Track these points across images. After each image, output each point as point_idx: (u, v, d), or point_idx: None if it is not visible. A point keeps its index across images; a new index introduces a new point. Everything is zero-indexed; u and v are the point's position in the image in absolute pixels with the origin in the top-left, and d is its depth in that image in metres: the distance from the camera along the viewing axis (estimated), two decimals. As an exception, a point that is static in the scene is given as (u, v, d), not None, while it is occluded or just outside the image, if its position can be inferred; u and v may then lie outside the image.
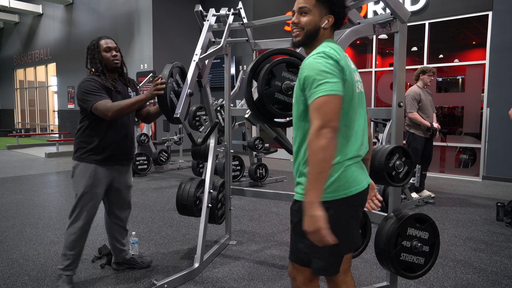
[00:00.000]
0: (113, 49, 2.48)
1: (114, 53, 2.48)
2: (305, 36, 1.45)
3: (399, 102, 2.24)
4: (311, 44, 1.47)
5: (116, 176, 2.57)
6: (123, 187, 2.63)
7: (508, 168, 6.20)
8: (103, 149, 2.43)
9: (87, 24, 12.14)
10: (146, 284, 2.57)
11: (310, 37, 1.46)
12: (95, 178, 2.43)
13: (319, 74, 1.32)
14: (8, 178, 6.56)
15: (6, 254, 3.11)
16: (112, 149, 2.46)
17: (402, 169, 2.07)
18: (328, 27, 1.46)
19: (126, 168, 2.64)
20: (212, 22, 2.97)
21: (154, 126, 9.79)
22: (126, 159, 2.60)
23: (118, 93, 2.49)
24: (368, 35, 2.73)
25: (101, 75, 2.44)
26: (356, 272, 2.81)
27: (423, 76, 4.82)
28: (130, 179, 2.70)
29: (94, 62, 2.47)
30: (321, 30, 1.45)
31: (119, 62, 2.50)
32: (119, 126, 2.48)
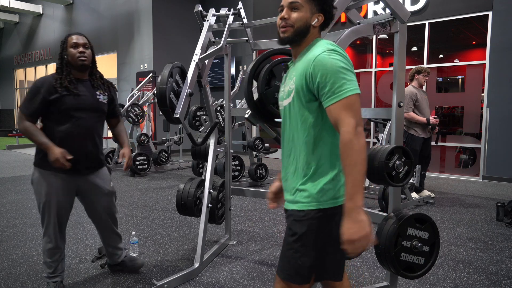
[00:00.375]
0: (80, 45, 2.26)
1: (81, 50, 2.25)
2: (294, 33, 1.38)
3: (399, 102, 2.24)
4: (300, 42, 1.40)
5: (82, 184, 2.35)
6: (93, 195, 2.40)
7: (508, 168, 6.20)
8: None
9: (87, 24, 12.14)
10: (146, 284, 2.57)
11: (300, 34, 1.38)
12: (54, 187, 2.25)
13: (340, 72, 1.26)
14: (8, 178, 6.56)
15: (6, 254, 3.11)
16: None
17: (402, 169, 2.07)
18: (317, 25, 1.40)
19: (95, 175, 2.39)
20: (212, 22, 2.97)
21: (154, 126, 9.79)
22: (86, 168, 2.33)
23: (76, 96, 2.23)
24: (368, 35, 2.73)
25: (60, 74, 2.24)
26: (356, 272, 2.81)
27: (418, 76, 4.82)
28: (105, 185, 2.44)
29: (58, 58, 2.29)
30: (311, 28, 1.39)
31: (86, 60, 2.26)
32: (76, 131, 2.24)
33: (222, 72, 9.82)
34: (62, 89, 2.20)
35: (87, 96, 2.29)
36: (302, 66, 1.34)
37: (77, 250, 3.18)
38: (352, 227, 1.21)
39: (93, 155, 2.34)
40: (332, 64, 1.26)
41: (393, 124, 2.27)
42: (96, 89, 2.36)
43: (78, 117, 2.24)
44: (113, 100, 2.50)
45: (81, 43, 2.28)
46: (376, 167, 2.04)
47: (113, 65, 11.35)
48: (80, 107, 2.25)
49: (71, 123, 2.23)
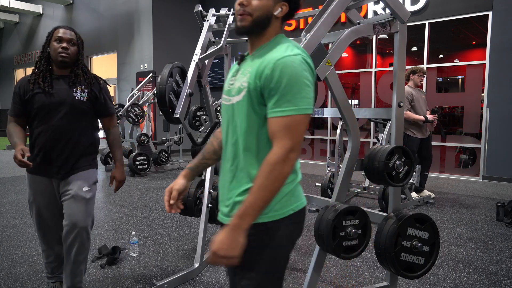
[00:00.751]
0: (65, 40, 2.08)
1: (64, 45, 2.07)
2: (253, 22, 1.20)
3: (399, 102, 2.24)
4: (258, 34, 1.23)
5: (60, 187, 2.16)
6: (66, 199, 2.11)
7: (508, 168, 6.20)
8: (33, 157, 2.12)
9: (87, 24, 12.14)
10: (146, 284, 2.57)
11: (259, 25, 1.20)
12: (32, 188, 2.18)
13: (297, 85, 1.10)
14: (8, 178, 6.56)
15: (6, 254, 3.11)
16: (40, 158, 2.11)
17: (402, 169, 2.07)
18: (280, 16, 1.22)
19: (72, 179, 2.14)
20: (212, 22, 2.97)
21: (154, 126, 9.79)
22: (58, 171, 2.12)
23: (48, 94, 2.08)
24: (368, 35, 2.73)
25: (37, 68, 2.14)
26: (356, 272, 2.81)
27: (414, 76, 4.82)
28: (77, 188, 2.11)
29: (40, 51, 2.16)
30: (273, 19, 1.21)
31: (67, 57, 2.08)
32: (50, 132, 2.08)
33: (222, 72, 9.82)
34: (35, 86, 2.08)
35: (60, 93, 2.09)
36: (259, 64, 1.16)
37: (77, 250, 3.18)
38: (226, 243, 1.09)
39: (64, 158, 2.11)
40: (292, 74, 1.10)
41: (393, 124, 2.27)
42: (74, 86, 2.13)
43: (50, 116, 2.08)
44: (97, 98, 2.21)
45: (66, 38, 2.08)
46: (376, 167, 2.04)
47: (113, 65, 11.35)
48: (52, 106, 2.07)
49: (42, 122, 2.09)
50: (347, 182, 2.14)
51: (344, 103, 2.09)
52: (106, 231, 3.70)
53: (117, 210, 4.49)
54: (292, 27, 8.77)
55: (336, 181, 3.67)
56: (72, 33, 2.13)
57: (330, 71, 1.99)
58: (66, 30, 2.11)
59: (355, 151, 2.13)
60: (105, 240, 3.41)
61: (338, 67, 8.41)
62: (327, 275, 2.74)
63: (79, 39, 2.18)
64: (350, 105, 2.11)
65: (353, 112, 2.14)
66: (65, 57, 2.08)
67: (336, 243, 1.96)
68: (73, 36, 2.13)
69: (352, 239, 2.00)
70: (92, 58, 12.30)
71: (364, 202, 4.89)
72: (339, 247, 1.97)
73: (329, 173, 4.82)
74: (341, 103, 2.08)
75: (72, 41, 2.11)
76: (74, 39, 2.13)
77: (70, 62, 2.12)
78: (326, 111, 2.88)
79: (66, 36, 2.09)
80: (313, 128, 9.23)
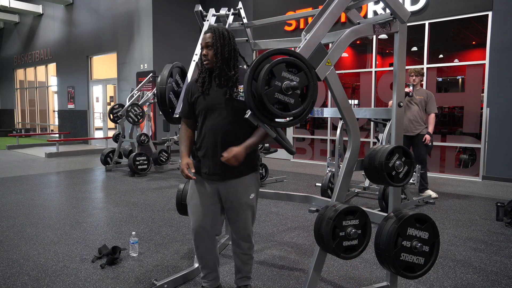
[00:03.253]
0: (204, 46, 2.05)
1: (204, 52, 2.05)
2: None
3: (399, 102, 2.24)
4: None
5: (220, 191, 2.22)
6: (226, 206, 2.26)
7: (508, 168, 6.20)
8: None
9: (87, 24, 12.14)
10: (146, 284, 2.57)
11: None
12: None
13: None
14: (8, 178, 6.56)
15: (6, 254, 3.11)
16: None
17: (402, 169, 2.07)
18: None
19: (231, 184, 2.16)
20: (212, 22, 2.97)
21: (154, 126, 9.80)
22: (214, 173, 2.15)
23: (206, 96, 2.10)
24: (368, 35, 2.73)
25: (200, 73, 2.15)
26: (356, 272, 2.81)
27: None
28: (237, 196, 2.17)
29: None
30: None
31: (207, 63, 2.05)
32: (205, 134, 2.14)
33: (222, 72, 9.80)
34: (198, 89, 2.11)
35: (214, 96, 2.06)
36: None
37: (77, 250, 3.18)
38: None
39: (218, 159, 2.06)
40: None
41: (393, 124, 2.27)
42: (225, 87, 2.05)
43: (207, 118, 2.10)
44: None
45: (204, 44, 2.04)
46: (376, 167, 2.04)
47: (113, 65, 11.35)
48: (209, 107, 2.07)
49: (202, 125, 2.12)
50: (347, 182, 2.14)
51: (344, 103, 2.09)
52: (106, 231, 3.71)
53: (117, 210, 4.49)
54: (292, 27, 8.77)
55: (336, 181, 3.67)
56: (210, 35, 2.03)
57: (330, 71, 1.99)
58: (205, 35, 2.05)
59: (355, 151, 2.13)
60: (105, 240, 3.41)
61: (338, 67, 8.41)
62: (327, 275, 2.75)
63: (220, 39, 2.01)
64: (350, 105, 2.11)
65: (353, 112, 2.14)
66: (206, 64, 2.06)
67: (336, 243, 1.96)
68: (210, 39, 2.02)
69: (352, 239, 2.00)
70: (92, 58, 12.31)
71: (364, 202, 4.89)
72: (339, 247, 1.97)
73: (329, 173, 4.82)
74: (341, 103, 2.08)
75: (208, 44, 2.03)
76: (209, 42, 2.02)
77: (211, 67, 2.06)
78: (326, 111, 2.88)
79: (204, 41, 2.04)
80: (313, 128, 9.23)
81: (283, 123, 1.83)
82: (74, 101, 13.05)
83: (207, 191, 2.15)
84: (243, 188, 2.13)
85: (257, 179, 2.20)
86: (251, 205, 2.16)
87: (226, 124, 2.03)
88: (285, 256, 3.06)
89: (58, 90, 13.97)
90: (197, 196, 2.17)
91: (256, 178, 2.19)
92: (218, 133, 2.05)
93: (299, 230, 3.77)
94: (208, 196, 2.15)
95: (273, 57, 1.78)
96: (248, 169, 2.13)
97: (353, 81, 9.21)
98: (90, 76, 12.40)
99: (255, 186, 2.18)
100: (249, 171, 2.14)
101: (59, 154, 9.72)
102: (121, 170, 7.38)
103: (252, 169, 2.15)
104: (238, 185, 2.11)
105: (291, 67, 1.78)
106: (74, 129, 13.13)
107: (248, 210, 2.16)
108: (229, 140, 2.04)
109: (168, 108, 2.41)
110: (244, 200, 2.13)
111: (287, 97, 1.75)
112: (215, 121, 2.05)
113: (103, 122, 12.32)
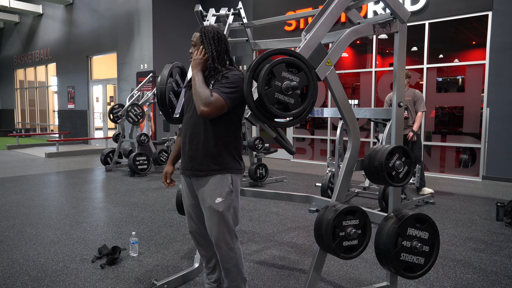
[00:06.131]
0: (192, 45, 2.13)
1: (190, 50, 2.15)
2: None
3: (399, 102, 2.24)
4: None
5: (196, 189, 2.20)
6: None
7: (508, 168, 6.20)
8: None
9: (87, 24, 12.14)
10: (146, 284, 2.57)
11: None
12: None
13: None
14: (8, 178, 6.56)
15: (6, 254, 3.11)
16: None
17: (402, 169, 2.07)
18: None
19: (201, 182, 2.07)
20: (212, 22, 2.97)
21: (154, 126, 9.79)
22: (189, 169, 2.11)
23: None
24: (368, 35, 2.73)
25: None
26: (356, 272, 2.81)
27: None
28: (207, 198, 2.08)
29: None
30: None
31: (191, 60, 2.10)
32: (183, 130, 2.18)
33: (222, 72, 9.80)
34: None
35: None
36: None
37: (77, 250, 3.18)
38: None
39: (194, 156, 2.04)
40: None
41: (393, 124, 2.27)
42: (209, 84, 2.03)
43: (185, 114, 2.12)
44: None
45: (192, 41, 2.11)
46: (376, 167, 2.04)
47: (113, 65, 11.35)
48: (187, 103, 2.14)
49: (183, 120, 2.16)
50: (347, 182, 2.14)
51: (344, 103, 2.09)
52: (106, 231, 3.71)
53: (117, 210, 4.49)
54: (292, 27, 8.77)
55: (336, 181, 3.67)
56: (196, 34, 2.10)
57: (330, 71, 1.99)
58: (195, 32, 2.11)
59: (355, 151, 2.13)
60: (105, 240, 3.41)
61: (338, 67, 8.41)
62: (327, 275, 2.75)
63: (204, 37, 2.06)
64: (350, 105, 2.11)
65: (353, 112, 2.14)
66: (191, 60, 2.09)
67: (336, 243, 1.96)
68: (195, 37, 2.10)
69: (352, 239, 2.00)
70: (92, 58, 12.30)
71: (364, 202, 4.89)
72: (339, 247, 1.97)
73: (329, 173, 4.82)
74: (341, 103, 2.08)
75: (192, 43, 2.11)
76: (193, 41, 2.11)
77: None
78: (326, 111, 2.88)
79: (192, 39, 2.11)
80: (313, 128, 9.23)
81: (283, 123, 1.83)
82: (74, 101, 13.04)
83: (187, 190, 2.15)
84: (208, 189, 1.98)
85: (227, 181, 1.99)
86: (217, 211, 1.95)
87: (194, 119, 2.01)
88: (285, 256, 3.06)
89: (58, 90, 13.96)
90: (183, 197, 2.20)
91: (226, 180, 1.99)
92: (188, 129, 2.05)
93: (299, 230, 3.77)
94: (189, 195, 2.15)
95: (273, 57, 1.78)
96: (217, 167, 1.98)
97: (353, 81, 9.20)
98: (90, 76, 12.39)
99: (223, 189, 1.97)
100: (218, 171, 1.98)
101: (59, 154, 9.72)
102: (121, 170, 7.38)
103: (221, 169, 1.98)
104: (205, 185, 2.00)
105: (291, 67, 1.78)
106: (74, 129, 13.13)
107: (213, 215, 1.96)
108: (196, 135, 2.00)
109: (168, 108, 2.40)
110: (209, 204, 1.97)
111: (287, 97, 1.75)
112: (187, 116, 2.08)
113: (103, 122, 12.32)
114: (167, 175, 2.24)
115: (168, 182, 2.24)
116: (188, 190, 2.14)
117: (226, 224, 1.99)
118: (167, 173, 2.24)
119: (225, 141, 2.00)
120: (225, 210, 1.97)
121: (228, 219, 2.00)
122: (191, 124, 2.04)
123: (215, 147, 1.98)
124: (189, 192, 2.14)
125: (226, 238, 1.99)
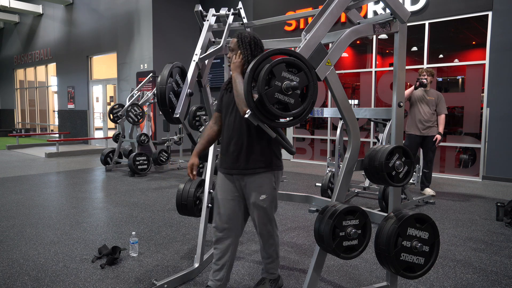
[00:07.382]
0: (230, 50, 2.20)
1: (229, 54, 2.21)
2: None
3: (399, 102, 2.24)
4: None
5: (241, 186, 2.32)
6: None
7: (508, 168, 6.20)
8: None
9: (87, 24, 12.14)
10: (146, 284, 2.57)
11: None
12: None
13: None
14: (8, 178, 6.56)
15: (6, 254, 3.11)
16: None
17: (402, 169, 2.07)
18: None
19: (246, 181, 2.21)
20: (212, 22, 2.97)
21: (154, 126, 9.80)
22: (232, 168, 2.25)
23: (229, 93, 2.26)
24: (368, 35, 2.73)
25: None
26: (356, 272, 2.81)
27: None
28: (251, 195, 2.25)
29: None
30: None
31: (230, 65, 2.20)
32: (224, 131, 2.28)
33: (222, 72, 9.82)
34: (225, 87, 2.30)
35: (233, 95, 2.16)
36: None
37: (77, 250, 3.18)
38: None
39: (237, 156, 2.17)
40: None
41: (393, 124, 2.27)
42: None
43: (226, 116, 2.22)
44: None
45: (229, 47, 2.19)
46: (376, 167, 2.04)
47: (113, 65, 11.35)
48: (227, 106, 2.22)
49: (223, 122, 2.26)
50: (347, 182, 2.14)
51: (344, 103, 2.09)
52: (106, 231, 3.71)
53: (117, 210, 4.49)
54: (292, 27, 8.77)
55: (336, 181, 3.67)
56: (234, 40, 2.16)
57: (330, 71, 1.99)
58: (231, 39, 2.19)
59: (355, 151, 2.13)
60: (105, 240, 3.41)
61: (338, 67, 8.41)
62: (327, 275, 2.75)
63: (242, 43, 2.13)
64: (350, 105, 2.11)
65: (353, 112, 2.14)
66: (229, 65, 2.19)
67: (336, 243, 1.96)
68: (233, 43, 2.16)
69: (352, 239, 2.00)
70: (92, 58, 12.30)
71: (364, 202, 4.89)
72: (339, 247, 1.97)
73: (329, 173, 4.82)
74: (341, 103, 2.08)
75: (231, 49, 2.17)
76: (231, 46, 2.17)
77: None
78: (326, 111, 2.88)
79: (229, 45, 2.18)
80: (313, 128, 9.23)
81: (283, 123, 1.83)
82: (74, 101, 13.04)
83: (226, 187, 2.23)
84: (254, 187, 2.15)
85: (271, 179, 2.17)
86: (262, 207, 2.15)
87: (238, 120, 2.13)
88: (285, 256, 3.06)
89: (58, 90, 13.96)
90: (217, 191, 2.27)
91: (270, 178, 2.16)
92: (231, 131, 2.16)
93: (299, 230, 3.77)
94: (226, 190, 2.23)
95: (273, 57, 1.78)
96: (262, 166, 2.13)
97: (353, 81, 9.20)
98: (90, 76, 12.39)
99: (267, 187, 2.15)
100: (263, 169, 2.14)
101: (59, 154, 9.72)
102: (121, 170, 7.38)
103: (265, 167, 2.14)
104: (250, 184, 2.15)
105: (291, 67, 1.78)
106: (74, 129, 13.13)
107: (258, 210, 2.17)
108: (240, 136, 2.13)
109: (168, 108, 2.41)
110: (253, 200, 2.15)
111: (287, 97, 1.75)
112: (230, 119, 2.18)
113: (103, 122, 12.32)
114: (193, 166, 2.27)
115: (194, 174, 2.27)
116: (227, 187, 2.23)
117: (269, 216, 2.21)
118: (193, 165, 2.27)
119: (267, 140, 2.14)
120: (268, 205, 2.18)
121: (271, 212, 2.22)
122: (234, 126, 2.14)
123: (260, 146, 2.13)
124: (228, 189, 2.23)
125: (268, 228, 2.24)
